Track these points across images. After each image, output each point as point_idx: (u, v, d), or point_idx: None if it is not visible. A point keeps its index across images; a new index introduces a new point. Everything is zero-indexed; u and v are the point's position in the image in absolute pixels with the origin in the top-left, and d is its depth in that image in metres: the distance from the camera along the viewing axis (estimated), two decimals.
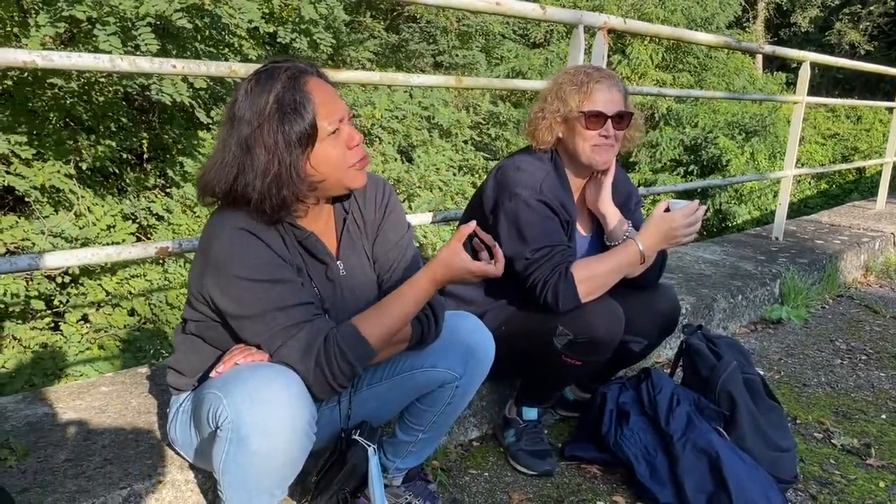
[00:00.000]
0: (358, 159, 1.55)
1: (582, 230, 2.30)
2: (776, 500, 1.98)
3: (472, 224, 1.56)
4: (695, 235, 2.12)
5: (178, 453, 1.78)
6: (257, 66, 2.13)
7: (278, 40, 5.51)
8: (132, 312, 5.13)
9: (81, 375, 4.40)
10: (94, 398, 2.10)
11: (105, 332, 4.89)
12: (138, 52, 4.14)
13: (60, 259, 1.88)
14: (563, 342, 2.07)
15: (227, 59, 5.04)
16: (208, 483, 1.79)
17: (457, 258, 1.53)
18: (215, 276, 1.48)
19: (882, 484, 2.27)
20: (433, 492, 1.98)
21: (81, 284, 4.98)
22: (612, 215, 2.23)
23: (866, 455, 2.44)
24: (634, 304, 2.23)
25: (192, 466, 1.76)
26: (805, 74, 4.52)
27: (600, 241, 2.28)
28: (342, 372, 1.47)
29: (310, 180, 1.51)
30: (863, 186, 13.00)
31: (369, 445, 1.66)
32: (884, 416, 2.75)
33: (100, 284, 5.00)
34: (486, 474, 2.22)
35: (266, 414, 1.35)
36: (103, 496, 1.62)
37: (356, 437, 1.68)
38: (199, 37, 4.83)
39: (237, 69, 2.06)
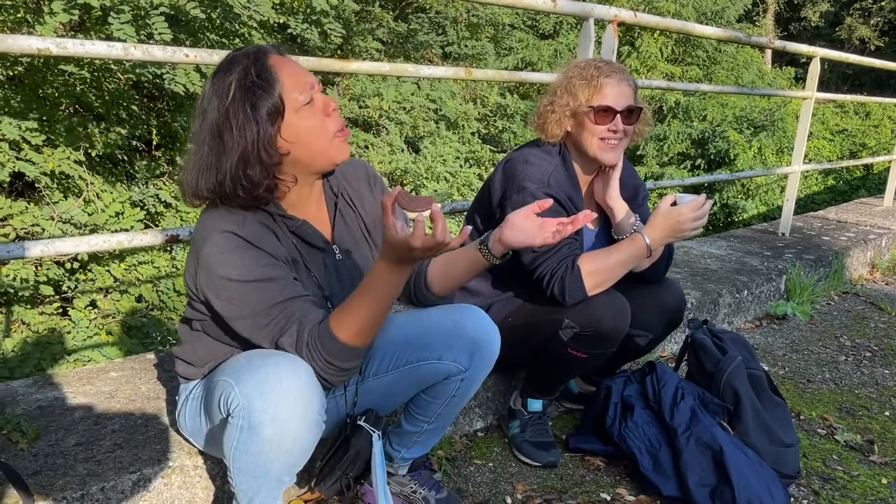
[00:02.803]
0: (338, 127, 1.53)
1: (589, 224, 2.31)
2: (779, 494, 1.99)
3: (394, 192, 1.38)
4: (701, 230, 2.12)
5: (187, 440, 1.80)
6: None
7: (289, 31, 5.52)
8: (140, 299, 5.16)
9: (90, 360, 4.43)
10: (104, 383, 2.12)
11: (113, 317, 4.92)
12: (151, 41, 4.15)
13: (71, 245, 1.89)
14: (569, 335, 2.08)
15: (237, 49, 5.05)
16: (216, 469, 1.81)
17: (388, 234, 1.38)
18: (207, 279, 1.48)
19: (885, 480, 2.28)
20: (438, 481, 2.00)
21: (90, 270, 5.01)
22: (619, 209, 2.23)
23: (869, 451, 2.45)
24: (640, 298, 2.24)
25: (200, 453, 1.79)
26: (815, 70, 4.51)
27: (607, 235, 2.29)
28: (328, 370, 1.47)
29: (284, 154, 1.49)
30: (870, 183, 12.95)
31: (374, 431, 1.68)
32: (887, 413, 2.76)
33: (108, 271, 5.03)
34: (491, 465, 2.24)
35: (277, 402, 1.36)
36: (113, 480, 1.64)
37: (361, 423, 1.69)
38: (210, 26, 4.84)
39: None
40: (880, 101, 6.08)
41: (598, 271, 2.06)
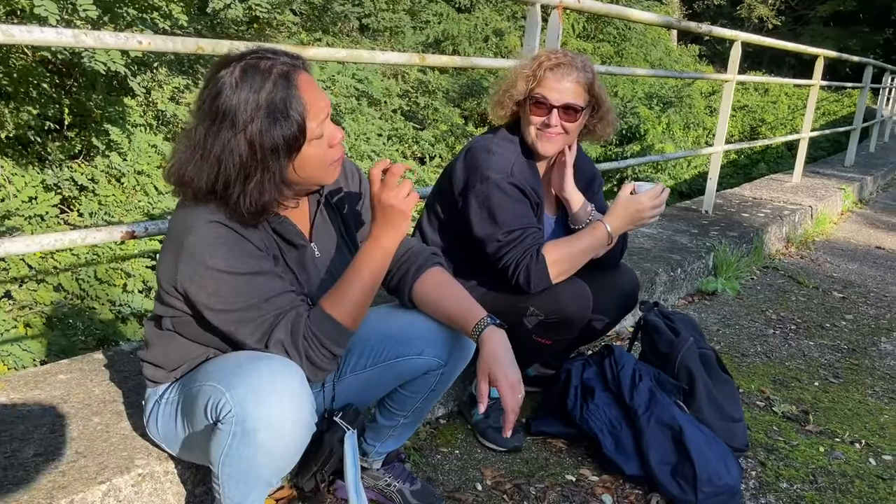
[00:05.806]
0: (337, 157, 1.52)
1: (548, 211, 2.34)
2: (733, 468, 2.10)
3: (382, 164, 1.51)
4: (658, 217, 2.19)
5: (156, 445, 1.73)
6: (222, 42, 2.06)
7: (210, 6, 5.30)
8: (58, 288, 4.90)
9: (9, 355, 4.19)
10: (53, 387, 2.01)
11: (30, 309, 4.66)
12: (75, 18, 3.89)
13: (23, 245, 1.78)
14: (533, 322, 2.12)
15: (156, 24, 4.82)
16: (187, 474, 1.76)
17: (384, 196, 1.47)
18: (191, 270, 1.42)
19: (822, 449, 2.43)
20: (411, 472, 2.00)
21: (2, 259, 4.71)
22: (575, 200, 2.26)
23: (805, 422, 2.60)
24: (598, 284, 2.29)
25: (170, 458, 1.72)
26: (736, 54, 4.68)
27: (566, 222, 2.33)
28: (324, 356, 1.47)
29: (291, 183, 1.49)
30: (769, 157, 13.63)
31: (347, 428, 1.66)
32: (816, 384, 2.94)
33: (22, 259, 4.74)
34: (457, 452, 2.26)
35: (271, 406, 1.33)
36: (82, 491, 1.57)
37: (336, 419, 1.68)
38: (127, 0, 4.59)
39: (203, 46, 1.98)
40: (799, 83, 6.36)
41: (562, 259, 2.10)
